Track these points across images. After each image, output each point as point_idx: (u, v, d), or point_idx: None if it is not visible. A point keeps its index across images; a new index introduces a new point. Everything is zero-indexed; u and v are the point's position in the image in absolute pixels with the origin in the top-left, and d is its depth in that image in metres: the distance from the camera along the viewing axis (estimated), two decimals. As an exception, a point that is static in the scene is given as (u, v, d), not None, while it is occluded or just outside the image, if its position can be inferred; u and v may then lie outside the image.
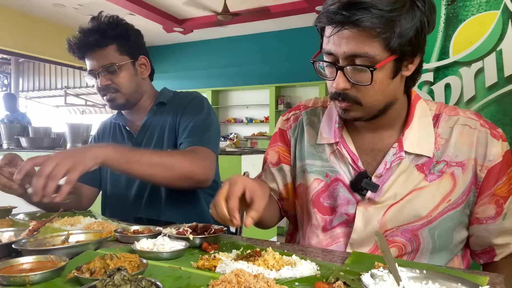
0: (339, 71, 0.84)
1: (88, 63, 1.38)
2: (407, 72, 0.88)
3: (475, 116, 0.95)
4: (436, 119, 0.96)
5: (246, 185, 0.85)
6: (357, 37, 0.80)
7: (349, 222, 0.97)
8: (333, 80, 0.86)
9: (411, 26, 0.79)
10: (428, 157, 0.92)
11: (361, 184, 0.93)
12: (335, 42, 0.83)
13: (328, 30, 0.84)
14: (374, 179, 0.94)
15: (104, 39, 1.35)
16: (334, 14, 0.80)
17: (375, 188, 0.92)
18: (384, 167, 0.93)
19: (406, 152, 0.92)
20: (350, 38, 0.80)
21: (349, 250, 0.96)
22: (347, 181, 0.97)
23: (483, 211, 0.93)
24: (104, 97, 1.41)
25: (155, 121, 1.46)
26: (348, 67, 0.83)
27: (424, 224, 0.92)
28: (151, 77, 1.54)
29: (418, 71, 0.92)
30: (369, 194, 0.93)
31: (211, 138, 1.36)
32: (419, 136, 0.93)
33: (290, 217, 1.18)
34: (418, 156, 0.93)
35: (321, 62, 0.89)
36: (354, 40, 0.80)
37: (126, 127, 1.51)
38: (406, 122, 0.95)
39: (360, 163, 0.96)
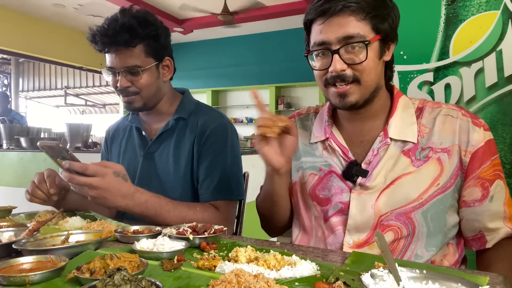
0: (334, 55, 0.92)
1: (108, 59, 1.27)
2: (387, 57, 0.98)
3: (456, 107, 1.01)
4: (420, 111, 1.03)
5: None
6: (347, 21, 0.91)
7: (344, 210, 1.02)
8: (329, 66, 0.94)
9: (387, 13, 0.94)
10: (413, 143, 0.98)
11: (352, 172, 1.00)
12: (326, 30, 0.93)
13: (319, 21, 0.94)
14: (363, 165, 1.00)
15: (133, 38, 1.23)
16: (324, 4, 0.92)
17: (364, 173, 0.99)
18: (372, 154, 1.00)
19: (391, 139, 0.99)
20: (341, 23, 0.91)
21: (347, 238, 1.00)
22: (339, 171, 1.03)
23: (470, 194, 0.97)
24: (121, 97, 1.32)
25: (172, 136, 1.37)
26: (342, 49, 0.92)
27: (416, 207, 0.96)
28: (171, 77, 1.43)
29: (392, 62, 1.03)
30: (359, 180, 0.99)
31: (233, 185, 1.31)
32: (402, 124, 1.00)
33: None
34: (404, 142, 0.99)
35: (314, 53, 0.97)
36: (346, 24, 0.91)
37: (142, 132, 1.42)
38: (390, 113, 1.02)
39: (350, 154, 1.03)
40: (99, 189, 1.02)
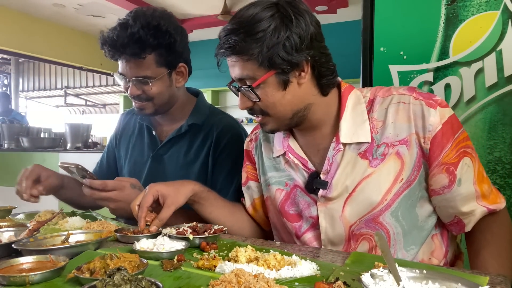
0: (239, 93, 0.93)
1: (120, 65, 1.24)
2: (303, 80, 0.90)
3: (408, 91, 0.94)
4: (371, 104, 0.96)
5: (159, 192, 1.00)
6: (237, 63, 0.90)
7: (316, 224, 0.99)
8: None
9: (276, 43, 0.84)
10: (368, 142, 0.93)
11: (313, 184, 0.97)
12: (231, 69, 0.93)
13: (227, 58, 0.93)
14: (322, 176, 0.96)
15: (143, 50, 1.17)
16: (219, 46, 0.91)
17: (324, 185, 0.95)
18: (328, 163, 0.96)
19: (344, 144, 0.94)
20: (233, 65, 0.91)
21: None
22: (303, 185, 1.00)
23: (436, 182, 0.91)
24: (133, 102, 1.30)
25: (184, 140, 1.35)
26: (241, 89, 0.91)
27: (383, 210, 0.91)
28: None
29: (322, 75, 0.92)
30: (321, 192, 0.96)
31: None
32: (353, 125, 0.94)
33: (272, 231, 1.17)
34: (359, 144, 0.93)
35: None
36: (236, 66, 0.90)
37: (153, 132, 1.40)
38: (340, 115, 0.96)
39: (310, 165, 0.99)
40: (119, 201, 1.11)
